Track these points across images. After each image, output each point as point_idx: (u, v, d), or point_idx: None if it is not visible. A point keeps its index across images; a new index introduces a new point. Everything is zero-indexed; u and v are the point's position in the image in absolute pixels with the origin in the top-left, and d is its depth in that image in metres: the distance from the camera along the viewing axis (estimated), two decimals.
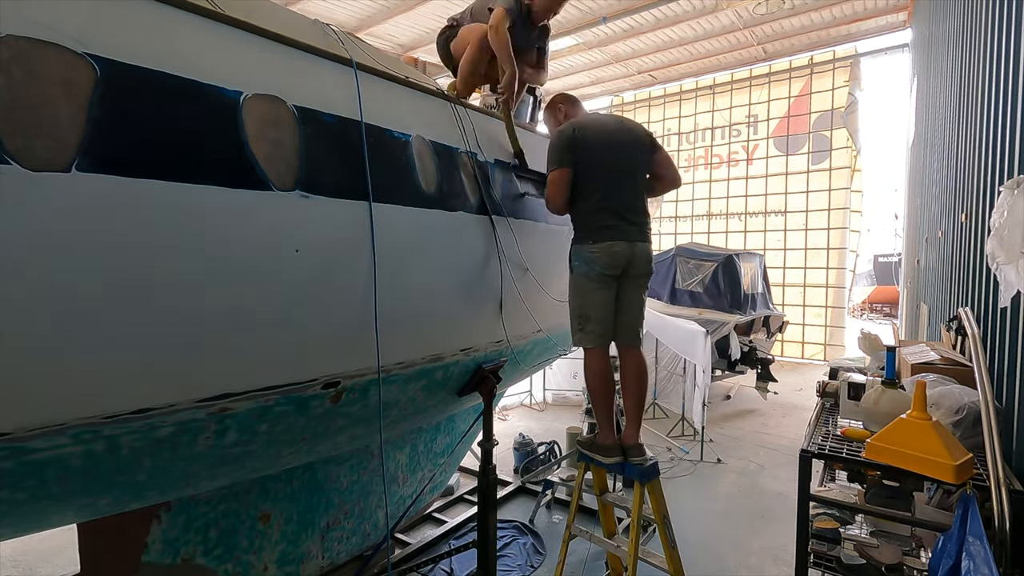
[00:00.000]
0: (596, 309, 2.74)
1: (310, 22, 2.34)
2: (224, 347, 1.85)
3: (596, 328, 2.75)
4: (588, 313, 2.75)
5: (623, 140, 2.79)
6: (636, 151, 2.82)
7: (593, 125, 2.79)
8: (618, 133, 2.80)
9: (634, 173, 2.80)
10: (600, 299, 2.74)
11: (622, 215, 2.72)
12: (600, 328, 2.75)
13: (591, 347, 2.81)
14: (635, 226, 2.75)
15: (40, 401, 1.52)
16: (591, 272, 2.73)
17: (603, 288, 2.74)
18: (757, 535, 4.73)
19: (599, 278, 2.72)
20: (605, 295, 2.75)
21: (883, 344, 3.41)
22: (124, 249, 1.55)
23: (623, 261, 2.71)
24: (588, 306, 2.75)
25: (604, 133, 2.77)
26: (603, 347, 2.81)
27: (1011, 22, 2.66)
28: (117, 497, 1.96)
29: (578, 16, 10.28)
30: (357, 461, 3.34)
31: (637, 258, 2.75)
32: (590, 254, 2.71)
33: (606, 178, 2.72)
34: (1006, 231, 1.98)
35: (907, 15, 10.33)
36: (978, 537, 1.79)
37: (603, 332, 2.77)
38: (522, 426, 7.64)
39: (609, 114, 3.06)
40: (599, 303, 2.74)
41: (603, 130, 2.78)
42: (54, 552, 4.25)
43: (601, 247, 2.69)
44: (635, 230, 2.74)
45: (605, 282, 2.74)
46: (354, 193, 2.15)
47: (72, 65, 1.45)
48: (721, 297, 9.16)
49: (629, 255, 2.72)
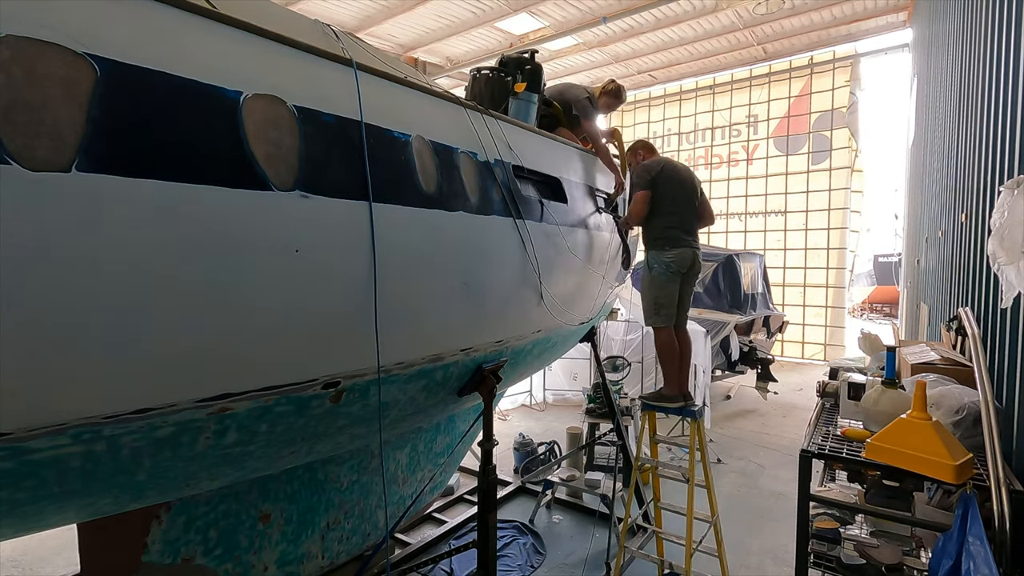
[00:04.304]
0: (669, 298, 3.67)
1: (310, 22, 2.33)
2: (224, 347, 1.85)
3: (668, 312, 3.67)
4: (663, 301, 3.66)
5: (687, 179, 3.79)
6: (694, 190, 3.82)
7: (668, 167, 3.76)
8: (684, 173, 3.83)
9: (694, 204, 3.82)
10: (671, 291, 3.67)
11: (688, 231, 3.72)
12: (670, 312, 3.69)
13: (663, 326, 3.70)
14: (695, 238, 3.78)
15: (40, 401, 1.52)
16: (668, 271, 3.63)
17: (673, 283, 3.67)
18: (757, 535, 4.73)
19: (673, 276, 3.64)
20: (673, 288, 3.68)
21: (883, 344, 3.42)
22: (124, 249, 1.55)
23: (688, 262, 3.68)
24: (663, 296, 3.65)
25: (676, 174, 3.76)
26: (671, 326, 3.74)
27: (1011, 22, 2.66)
28: (117, 497, 1.96)
29: (578, 16, 10.27)
30: (357, 461, 3.34)
31: (696, 261, 3.75)
32: (668, 258, 3.63)
33: (677, 206, 3.70)
34: (1006, 231, 1.98)
35: (907, 15, 10.33)
36: (978, 537, 1.80)
37: (671, 315, 3.71)
38: (522, 426, 7.64)
39: (675, 160, 4.03)
40: (671, 294, 3.67)
41: (675, 171, 3.78)
42: (54, 552, 4.25)
43: (676, 252, 3.63)
44: (694, 241, 3.77)
45: (675, 279, 3.67)
46: (354, 193, 2.15)
47: (72, 65, 1.45)
48: (721, 297, 9.16)
49: (692, 258, 3.70)
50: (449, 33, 10.90)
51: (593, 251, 4.12)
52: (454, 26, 10.66)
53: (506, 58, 4.02)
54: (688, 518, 3.34)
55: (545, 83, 4.13)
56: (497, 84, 3.85)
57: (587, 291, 4.20)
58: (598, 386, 5.51)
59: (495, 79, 3.87)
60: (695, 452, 3.51)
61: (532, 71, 3.93)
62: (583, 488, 5.04)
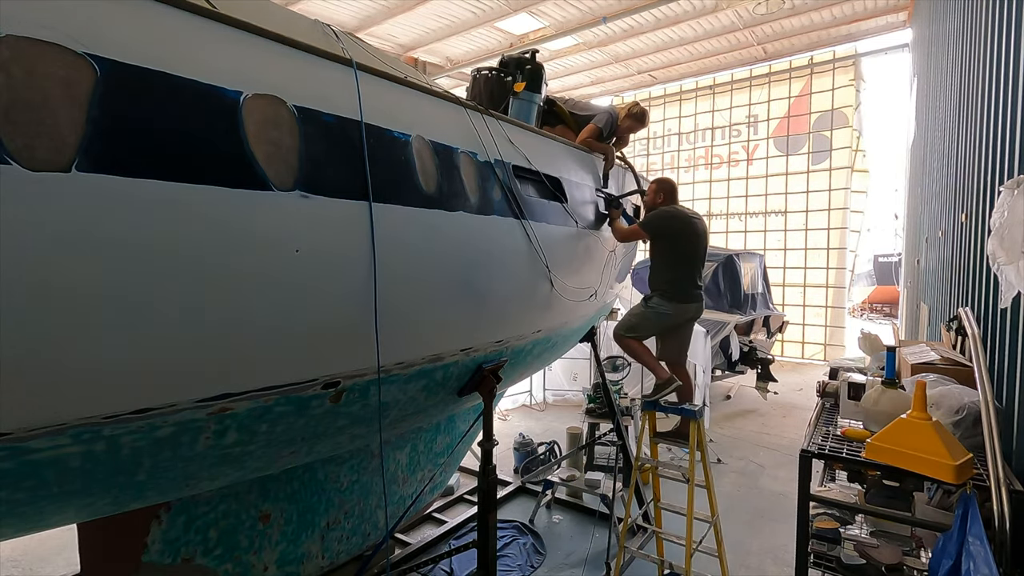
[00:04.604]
0: (647, 330, 3.79)
1: (310, 22, 2.33)
2: (224, 347, 1.85)
3: (639, 336, 3.78)
4: (640, 330, 3.76)
5: (701, 234, 3.82)
6: (703, 241, 3.85)
7: (686, 223, 3.77)
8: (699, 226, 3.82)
9: (702, 257, 3.89)
10: (653, 327, 3.80)
11: (694, 282, 3.79)
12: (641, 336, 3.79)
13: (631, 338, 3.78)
14: (699, 290, 3.84)
15: (40, 401, 1.52)
16: (659, 318, 3.73)
17: (659, 325, 3.79)
18: (757, 535, 4.73)
19: (662, 319, 3.73)
20: (655, 327, 3.81)
21: (883, 344, 3.42)
22: (124, 249, 1.55)
23: (688, 315, 3.81)
24: (642, 327, 3.76)
25: (691, 227, 3.77)
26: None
27: (1011, 22, 2.66)
28: (117, 497, 1.96)
29: (578, 16, 10.27)
30: (357, 461, 3.34)
31: (696, 311, 3.86)
32: (667, 308, 3.70)
33: (686, 259, 3.76)
34: (1006, 231, 1.98)
35: (907, 15, 10.33)
36: (978, 537, 1.80)
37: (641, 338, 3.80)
38: (522, 426, 7.64)
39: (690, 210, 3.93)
40: (650, 329, 3.81)
41: (690, 225, 3.78)
42: (54, 552, 4.25)
43: (678, 307, 3.71)
44: (699, 294, 3.84)
45: (662, 321, 3.75)
46: (354, 193, 2.15)
47: (72, 65, 1.44)
48: (721, 297, 9.16)
49: (694, 311, 3.82)
50: (449, 33, 10.91)
51: (594, 251, 4.12)
52: (454, 26, 10.66)
53: (507, 58, 4.03)
54: (688, 518, 3.34)
55: (547, 82, 4.13)
56: (497, 84, 3.86)
57: (589, 289, 4.20)
58: (598, 386, 5.51)
59: (495, 79, 3.87)
60: (695, 452, 3.52)
61: (533, 71, 3.94)
62: (583, 488, 5.04)
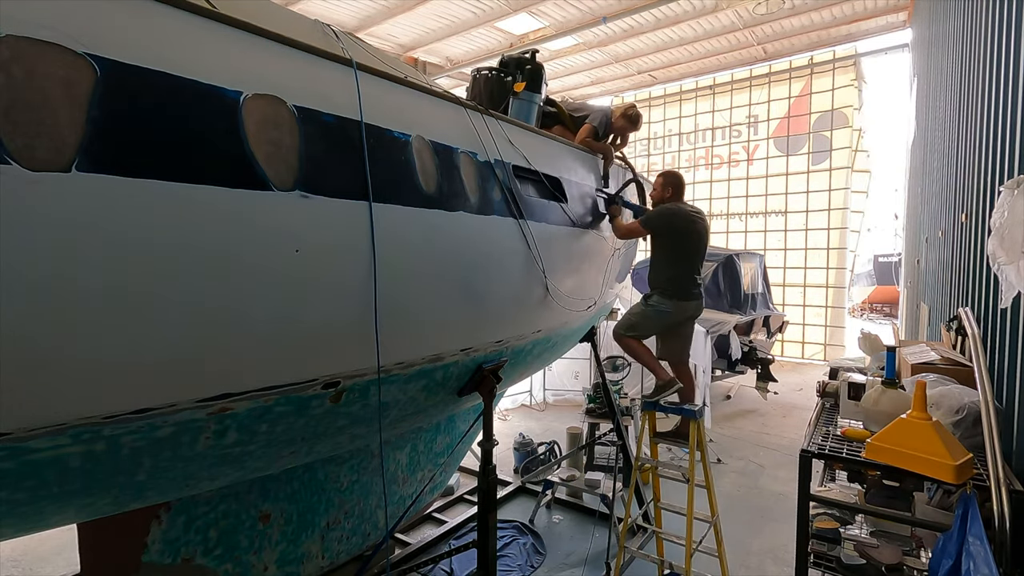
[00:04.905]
0: (647, 328, 3.75)
1: (310, 22, 2.33)
2: (224, 347, 1.85)
3: (639, 334, 3.75)
4: (639, 328, 3.73)
5: (699, 229, 3.76)
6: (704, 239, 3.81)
7: (688, 221, 3.72)
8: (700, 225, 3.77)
9: (702, 255, 3.85)
10: (653, 326, 3.76)
11: (694, 280, 3.74)
12: (640, 335, 3.75)
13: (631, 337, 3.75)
14: (699, 287, 3.79)
15: (40, 401, 1.52)
16: (659, 316, 3.69)
17: (659, 323, 3.74)
18: (757, 535, 4.73)
19: (662, 317, 3.69)
20: (655, 326, 3.76)
21: (883, 344, 3.42)
22: (124, 249, 1.55)
23: (688, 314, 3.76)
24: (642, 326, 3.73)
25: (693, 225, 3.73)
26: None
27: (1011, 23, 2.66)
28: (117, 497, 1.96)
29: (578, 16, 10.27)
30: (357, 461, 3.34)
31: (696, 309, 3.81)
32: (666, 306, 3.65)
33: (686, 257, 3.72)
34: (1006, 231, 1.98)
35: (907, 15, 10.33)
36: (978, 537, 1.80)
37: (641, 337, 3.76)
38: (522, 426, 7.63)
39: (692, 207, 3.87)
40: (650, 328, 3.77)
41: (692, 223, 3.73)
42: (54, 552, 4.25)
43: (678, 304, 3.66)
44: (698, 291, 3.79)
45: (662, 320, 3.71)
46: (354, 193, 2.15)
47: (72, 65, 1.45)
48: (721, 297, 9.16)
49: (693, 309, 3.76)
50: (449, 33, 10.91)
51: (594, 250, 4.12)
52: (454, 26, 10.66)
53: (507, 58, 4.03)
54: (688, 518, 3.34)
55: (547, 82, 4.13)
56: (497, 84, 3.86)
57: (589, 289, 4.20)
58: (598, 386, 5.51)
59: (495, 79, 3.87)
60: (695, 452, 3.53)
61: (533, 71, 3.94)
62: (583, 488, 5.04)
